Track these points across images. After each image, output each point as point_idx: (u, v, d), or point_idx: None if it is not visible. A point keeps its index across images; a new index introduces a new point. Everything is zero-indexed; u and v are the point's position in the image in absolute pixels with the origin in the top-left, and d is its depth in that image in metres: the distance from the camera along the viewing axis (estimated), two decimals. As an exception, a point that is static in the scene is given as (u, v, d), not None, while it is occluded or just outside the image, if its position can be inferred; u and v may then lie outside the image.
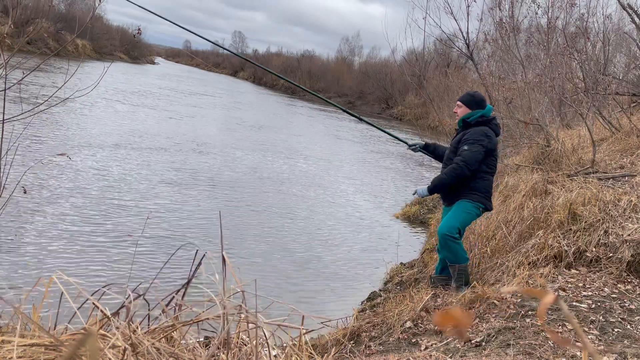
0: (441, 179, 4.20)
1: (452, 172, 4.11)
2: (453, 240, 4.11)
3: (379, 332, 3.68)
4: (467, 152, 4.10)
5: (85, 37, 34.96)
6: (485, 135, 4.16)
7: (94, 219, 6.21)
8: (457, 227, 4.15)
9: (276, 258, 6.05)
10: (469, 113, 4.29)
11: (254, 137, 15.27)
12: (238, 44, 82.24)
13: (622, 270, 3.85)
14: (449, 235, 4.11)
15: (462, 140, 4.22)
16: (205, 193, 8.21)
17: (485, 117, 4.27)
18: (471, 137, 4.15)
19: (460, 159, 4.10)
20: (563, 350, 2.73)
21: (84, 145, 9.84)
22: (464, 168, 4.07)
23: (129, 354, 1.32)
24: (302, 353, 1.65)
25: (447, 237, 4.11)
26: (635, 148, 7.18)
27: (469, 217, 4.22)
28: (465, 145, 4.14)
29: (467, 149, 4.11)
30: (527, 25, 9.23)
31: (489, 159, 4.19)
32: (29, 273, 4.61)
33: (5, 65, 2.53)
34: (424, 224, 8.29)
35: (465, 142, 4.16)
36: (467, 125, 4.29)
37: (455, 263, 4.16)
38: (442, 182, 4.18)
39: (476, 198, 4.17)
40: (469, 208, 4.18)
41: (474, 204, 4.18)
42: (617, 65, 10.59)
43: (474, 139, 4.13)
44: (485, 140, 4.14)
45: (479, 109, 4.29)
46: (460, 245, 4.18)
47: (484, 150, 4.12)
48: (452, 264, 4.19)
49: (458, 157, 4.13)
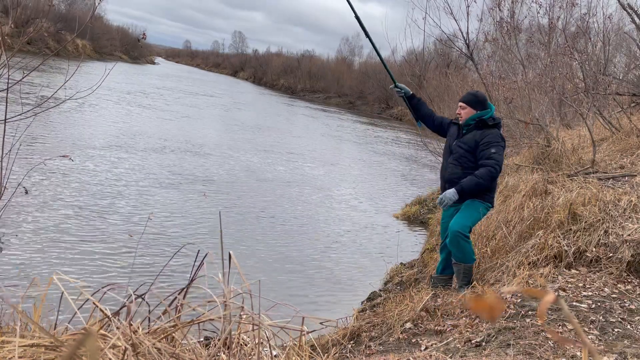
0: (477, 182, 4.10)
1: (489, 174, 4.10)
2: (465, 238, 4.12)
3: (379, 332, 3.68)
4: (497, 155, 4.14)
5: (85, 37, 34.95)
6: (502, 137, 4.27)
7: (94, 219, 6.21)
8: (470, 226, 4.19)
9: (276, 258, 6.05)
10: (481, 113, 4.24)
11: (254, 138, 15.27)
12: (238, 44, 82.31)
13: (622, 270, 3.85)
14: (462, 234, 4.11)
15: (482, 142, 4.16)
16: (205, 194, 8.20)
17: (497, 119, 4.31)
18: (493, 139, 4.16)
19: (494, 162, 4.11)
20: (563, 350, 2.73)
21: (84, 146, 9.84)
22: (499, 170, 4.15)
23: (129, 354, 1.32)
24: (303, 353, 1.65)
25: (459, 235, 4.11)
26: (635, 148, 7.18)
27: (480, 216, 4.26)
28: (492, 148, 4.13)
29: (495, 152, 4.13)
30: (527, 25, 9.23)
31: None
32: (30, 273, 4.61)
33: (7, 65, 2.53)
34: (424, 224, 8.29)
35: (489, 145, 4.14)
36: (482, 125, 4.23)
37: (463, 262, 4.16)
38: (478, 185, 4.10)
39: (487, 198, 4.22)
40: (480, 207, 4.20)
41: (485, 204, 4.21)
42: (617, 65, 10.59)
43: (496, 141, 4.17)
44: (504, 143, 4.26)
45: (483, 108, 4.26)
46: (470, 245, 4.20)
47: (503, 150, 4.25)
48: (459, 263, 4.18)
49: (491, 161, 4.10)
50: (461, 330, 3.30)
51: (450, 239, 4.20)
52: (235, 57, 73.75)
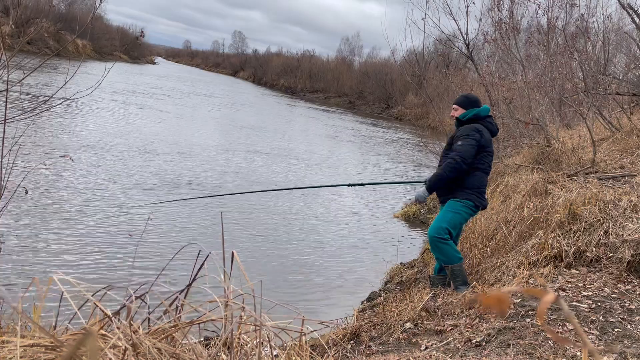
0: (438, 174, 4.24)
1: (448, 166, 4.15)
2: (441, 241, 4.13)
3: (379, 332, 3.68)
4: (460, 146, 4.18)
5: (85, 37, 34.95)
6: (476, 130, 4.23)
7: (94, 219, 6.21)
8: (445, 228, 4.16)
9: (276, 259, 6.05)
10: (463, 112, 4.40)
11: (254, 139, 15.27)
12: (238, 44, 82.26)
13: (622, 270, 3.84)
14: (437, 237, 4.14)
15: (454, 137, 4.33)
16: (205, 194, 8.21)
17: (478, 115, 4.35)
18: (463, 132, 4.25)
19: (455, 153, 4.17)
20: (563, 350, 2.73)
21: (85, 146, 9.84)
22: (460, 162, 4.13)
23: (129, 354, 1.32)
24: (303, 353, 1.65)
25: (435, 239, 4.15)
26: (635, 148, 7.18)
27: (458, 217, 4.23)
28: (458, 140, 4.23)
29: (460, 144, 4.19)
30: (526, 25, 9.23)
31: (480, 154, 4.24)
32: (30, 273, 4.61)
33: (7, 65, 2.53)
34: (424, 224, 8.29)
35: (458, 138, 4.26)
36: (460, 124, 4.40)
37: (448, 263, 4.18)
38: (439, 177, 4.21)
39: (464, 196, 4.19)
40: (457, 207, 4.20)
41: (463, 202, 4.20)
42: (617, 65, 10.59)
43: (466, 134, 4.22)
44: (476, 135, 4.20)
45: (473, 108, 4.40)
46: (451, 246, 4.17)
47: (476, 144, 4.18)
48: (446, 265, 4.21)
49: (453, 153, 4.20)
50: (461, 330, 3.30)
51: (430, 245, 4.27)
52: (235, 57, 73.75)
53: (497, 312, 0.58)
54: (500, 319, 3.28)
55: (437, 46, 19.29)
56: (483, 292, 3.79)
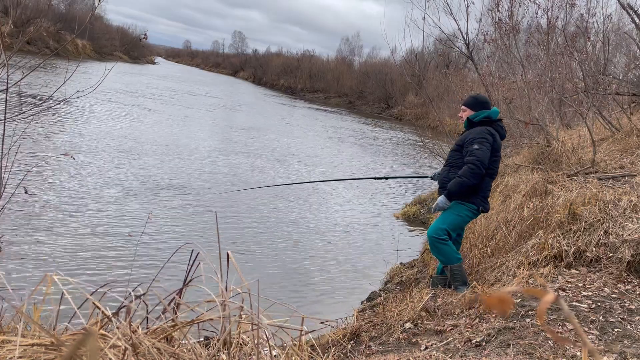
0: (459, 182, 4.09)
1: (470, 171, 4.05)
2: (440, 242, 4.13)
3: (379, 332, 3.68)
4: (478, 150, 4.07)
5: (85, 37, 34.96)
6: (489, 133, 4.18)
7: (94, 219, 6.21)
8: (445, 229, 4.15)
9: (275, 259, 6.05)
10: (475, 113, 4.32)
11: (255, 139, 15.27)
12: (238, 44, 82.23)
13: (622, 270, 3.84)
14: (436, 238, 4.13)
15: (466, 139, 4.22)
16: (205, 196, 8.21)
17: (490, 118, 4.28)
18: (477, 135, 4.15)
19: (474, 158, 4.07)
20: (563, 350, 2.73)
21: (85, 146, 9.84)
22: (480, 167, 4.05)
23: (129, 354, 1.32)
24: (303, 353, 1.65)
25: (434, 239, 4.15)
26: (635, 148, 7.18)
27: (459, 219, 4.22)
28: (474, 144, 4.11)
29: (477, 147, 4.08)
30: (526, 25, 9.23)
31: (490, 159, 4.17)
32: (30, 273, 4.61)
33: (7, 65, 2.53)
34: (424, 224, 8.29)
35: (472, 142, 4.14)
36: (471, 125, 4.31)
37: (448, 264, 4.19)
38: (461, 184, 4.08)
39: (470, 200, 4.18)
40: (460, 210, 4.19)
41: (467, 205, 4.18)
42: (617, 65, 10.59)
43: (481, 137, 4.13)
44: (490, 139, 4.15)
45: (483, 109, 4.31)
46: (450, 246, 4.16)
47: (490, 148, 4.12)
48: (445, 265, 4.23)
49: (471, 157, 4.08)
50: (461, 330, 3.30)
51: (429, 245, 4.27)
52: (235, 57, 73.72)
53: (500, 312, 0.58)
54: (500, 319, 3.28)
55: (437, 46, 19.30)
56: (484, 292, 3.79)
